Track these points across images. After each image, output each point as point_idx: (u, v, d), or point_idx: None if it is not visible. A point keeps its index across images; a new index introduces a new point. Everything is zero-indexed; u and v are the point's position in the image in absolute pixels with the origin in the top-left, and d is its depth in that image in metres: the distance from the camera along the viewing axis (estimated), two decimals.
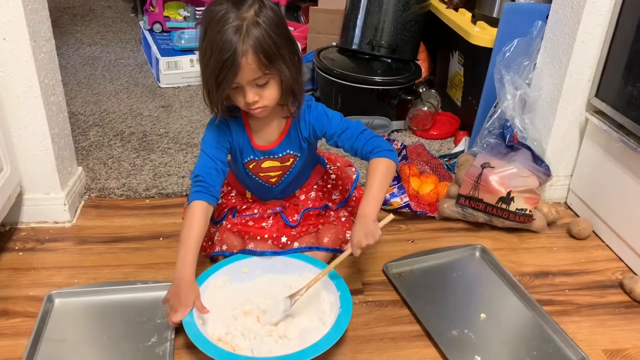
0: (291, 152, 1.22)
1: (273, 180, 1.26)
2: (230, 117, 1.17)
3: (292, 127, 1.19)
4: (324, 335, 1.02)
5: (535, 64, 1.51)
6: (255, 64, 1.01)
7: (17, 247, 1.31)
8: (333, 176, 1.37)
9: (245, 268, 1.19)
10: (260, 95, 1.07)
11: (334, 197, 1.34)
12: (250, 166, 1.23)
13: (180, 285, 1.05)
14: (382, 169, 1.14)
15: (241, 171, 1.26)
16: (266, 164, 1.23)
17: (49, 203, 1.38)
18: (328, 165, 1.40)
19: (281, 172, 1.25)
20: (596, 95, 1.40)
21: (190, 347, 1.03)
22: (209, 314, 1.06)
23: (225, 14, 1.00)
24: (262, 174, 1.25)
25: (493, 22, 1.73)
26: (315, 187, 1.34)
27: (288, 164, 1.23)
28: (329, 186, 1.36)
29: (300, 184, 1.33)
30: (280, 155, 1.21)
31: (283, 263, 1.20)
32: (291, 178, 1.27)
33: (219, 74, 1.02)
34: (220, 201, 1.33)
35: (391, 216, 1.16)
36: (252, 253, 1.21)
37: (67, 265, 1.27)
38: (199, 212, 1.11)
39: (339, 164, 1.42)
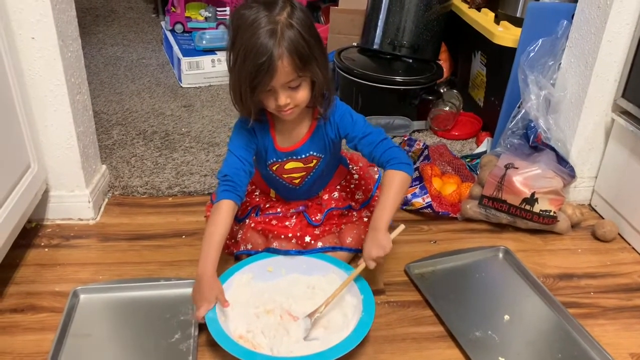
0: (315, 153, 1.21)
1: (296, 181, 1.26)
2: (256, 120, 1.16)
3: (317, 128, 1.19)
4: (344, 338, 1.01)
5: (560, 64, 1.49)
6: (291, 66, 1.01)
7: (42, 244, 1.33)
8: (356, 176, 1.37)
9: (271, 267, 1.19)
10: (292, 98, 1.06)
11: (357, 197, 1.33)
12: (274, 168, 1.23)
13: (202, 281, 1.06)
14: (397, 182, 1.13)
15: (264, 172, 1.27)
16: (289, 165, 1.23)
17: (74, 200, 1.40)
18: (350, 166, 1.39)
19: (304, 173, 1.25)
20: (623, 96, 1.37)
21: (213, 344, 1.03)
22: (231, 311, 1.07)
23: (256, 18, 0.99)
24: (285, 176, 1.25)
25: (517, 22, 1.72)
26: (338, 187, 1.34)
27: (311, 165, 1.23)
28: (352, 186, 1.35)
29: (324, 185, 1.32)
30: (304, 156, 1.21)
31: (307, 263, 1.20)
32: (314, 179, 1.27)
33: (254, 78, 1.01)
34: (245, 199, 1.34)
35: (402, 227, 1.15)
36: (277, 252, 1.21)
37: (91, 261, 1.28)
38: (226, 210, 1.12)
39: (361, 164, 1.41)
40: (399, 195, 1.13)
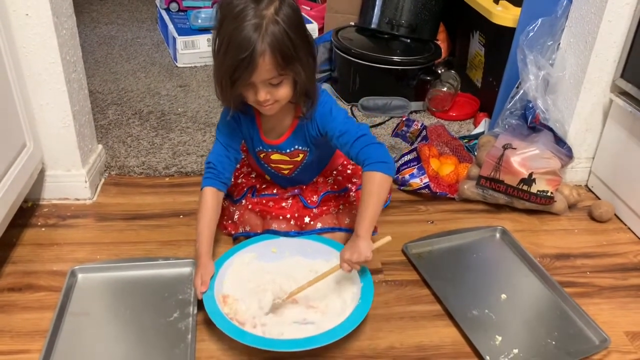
0: (300, 147, 1.20)
1: (285, 172, 1.26)
2: (237, 111, 1.15)
3: (300, 124, 1.17)
4: (337, 324, 1.00)
5: (559, 43, 1.48)
6: (272, 64, 0.98)
7: (39, 223, 1.33)
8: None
9: (275, 248, 1.19)
10: (272, 94, 1.04)
11: (354, 180, 1.33)
12: (261, 155, 1.24)
13: (196, 263, 1.10)
14: (375, 186, 1.07)
15: (255, 157, 1.27)
16: (275, 157, 1.23)
17: (70, 180, 1.39)
18: None
19: (292, 166, 1.24)
20: (622, 76, 1.37)
21: (212, 323, 1.04)
22: (228, 284, 1.10)
23: (243, 9, 0.96)
24: (273, 165, 1.25)
25: (516, 1, 1.71)
26: (334, 172, 1.34)
27: (298, 159, 1.22)
28: (349, 171, 1.35)
29: (318, 172, 1.32)
30: (288, 150, 1.20)
31: (312, 247, 1.19)
32: (304, 169, 1.26)
33: (234, 72, 0.99)
34: (240, 181, 1.34)
35: (388, 238, 1.09)
36: (276, 233, 1.21)
37: (88, 241, 1.28)
38: (209, 197, 1.16)
39: None
40: (379, 199, 1.08)
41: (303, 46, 1.02)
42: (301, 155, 1.22)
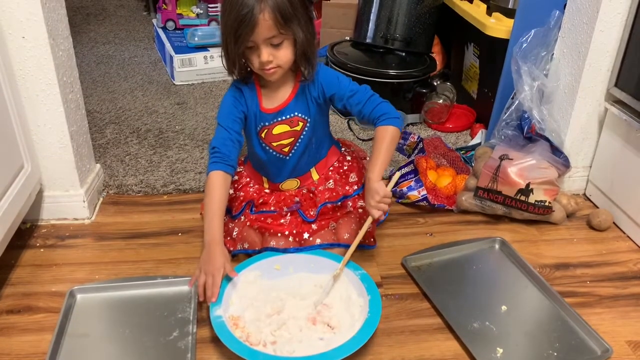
0: (299, 114, 1.24)
1: (286, 149, 1.27)
2: (243, 83, 1.22)
3: (301, 89, 1.23)
4: (348, 339, 1.00)
5: (553, 54, 1.49)
6: (272, 20, 1.06)
7: (38, 244, 1.33)
8: (349, 158, 1.37)
9: (278, 265, 1.19)
10: (274, 56, 1.12)
11: (350, 179, 1.33)
12: (263, 134, 1.26)
13: (210, 247, 1.10)
14: (389, 137, 1.19)
15: (255, 143, 1.28)
16: (277, 130, 1.25)
17: (69, 200, 1.39)
18: (343, 149, 1.40)
19: (293, 138, 1.26)
20: (616, 85, 1.38)
21: (212, 341, 1.04)
22: (235, 304, 1.09)
23: None
24: (274, 143, 1.27)
25: (509, 13, 1.72)
26: (331, 169, 1.35)
27: (298, 128, 1.25)
28: (345, 168, 1.35)
29: (315, 161, 1.33)
30: (289, 116, 1.24)
31: (315, 262, 1.19)
32: (303, 148, 1.28)
33: (237, 29, 1.07)
34: (238, 194, 1.34)
35: (397, 174, 1.21)
36: (275, 250, 1.21)
37: (87, 261, 1.28)
38: (217, 180, 1.17)
39: (353, 149, 1.43)
40: (391, 150, 1.21)
41: (300, 6, 1.11)
42: (301, 124, 1.25)
